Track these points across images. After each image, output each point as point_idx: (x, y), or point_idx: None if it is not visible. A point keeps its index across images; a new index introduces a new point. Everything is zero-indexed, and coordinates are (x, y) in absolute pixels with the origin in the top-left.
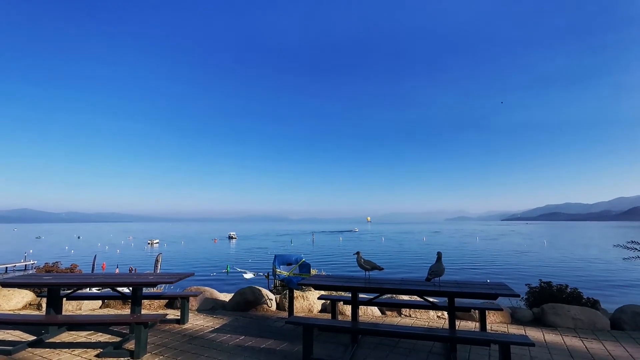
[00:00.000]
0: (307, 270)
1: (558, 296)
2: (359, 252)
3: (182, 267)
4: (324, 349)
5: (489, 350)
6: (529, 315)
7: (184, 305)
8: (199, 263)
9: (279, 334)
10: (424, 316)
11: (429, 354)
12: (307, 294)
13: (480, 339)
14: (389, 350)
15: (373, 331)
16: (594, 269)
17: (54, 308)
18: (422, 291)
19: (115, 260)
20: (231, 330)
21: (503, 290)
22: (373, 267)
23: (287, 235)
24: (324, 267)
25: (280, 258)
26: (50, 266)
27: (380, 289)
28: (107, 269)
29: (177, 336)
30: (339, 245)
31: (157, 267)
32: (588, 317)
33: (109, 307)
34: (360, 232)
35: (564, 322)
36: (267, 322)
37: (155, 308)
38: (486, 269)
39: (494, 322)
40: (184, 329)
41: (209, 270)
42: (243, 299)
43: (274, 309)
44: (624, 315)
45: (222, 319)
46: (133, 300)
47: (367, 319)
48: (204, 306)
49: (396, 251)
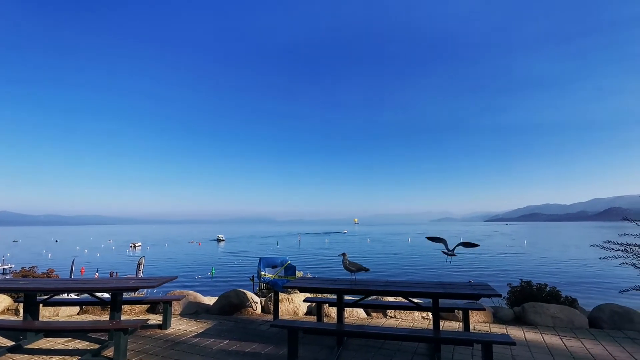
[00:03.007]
0: (293, 272)
1: (538, 295)
2: (345, 254)
3: (166, 270)
4: (310, 352)
5: (472, 350)
6: (510, 314)
7: (166, 309)
8: (183, 266)
9: (264, 338)
10: (409, 317)
11: (414, 355)
12: (292, 297)
13: (463, 339)
14: (375, 351)
15: (358, 333)
16: (572, 268)
17: (31, 314)
18: (407, 292)
19: (95, 265)
20: (215, 334)
21: (485, 290)
22: (359, 269)
23: (273, 237)
24: (310, 269)
25: (265, 260)
26: (27, 271)
27: (366, 290)
28: (85, 273)
29: (159, 342)
30: (325, 246)
31: (139, 270)
32: (566, 315)
33: (87, 313)
34: (348, 233)
35: (543, 321)
36: (252, 325)
37: (137, 313)
38: (470, 269)
39: (477, 322)
40: (167, 334)
41: (193, 273)
42: (228, 302)
43: (259, 312)
44: (602, 314)
45: (206, 323)
46: (112, 305)
47: (352, 320)
48: (187, 310)
49: (382, 252)
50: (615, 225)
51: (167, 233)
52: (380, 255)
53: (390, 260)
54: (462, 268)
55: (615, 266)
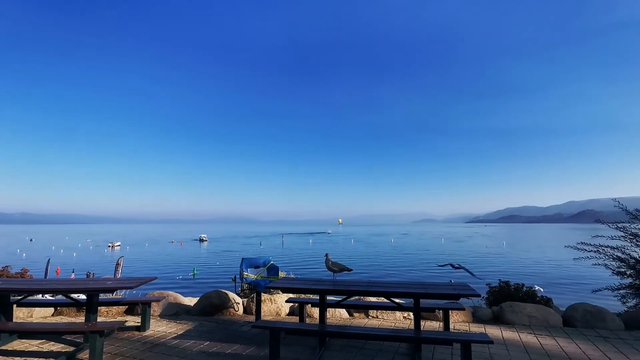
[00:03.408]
0: (275, 272)
1: (515, 295)
2: (328, 254)
3: (146, 271)
4: (292, 352)
5: (452, 349)
6: (489, 313)
7: (145, 311)
8: (164, 267)
9: (245, 339)
10: (391, 317)
11: (395, 355)
12: (275, 297)
13: (443, 339)
14: (356, 351)
15: (340, 334)
16: (547, 268)
17: (4, 315)
18: (389, 293)
19: (71, 265)
20: (196, 335)
21: (465, 290)
22: (341, 269)
23: (257, 237)
24: (293, 270)
25: (248, 261)
26: (0, 270)
27: (348, 291)
28: (61, 273)
29: (136, 344)
30: (309, 247)
31: (117, 271)
32: (542, 314)
33: (63, 314)
34: (332, 234)
35: (520, 320)
36: (234, 326)
37: (114, 315)
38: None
39: (457, 322)
40: (145, 336)
41: (174, 274)
42: (209, 303)
43: (241, 313)
44: (575, 313)
45: (187, 324)
46: (88, 307)
47: (335, 321)
48: (167, 311)
49: (365, 253)
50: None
51: (147, 233)
52: (363, 255)
53: (373, 261)
54: (443, 269)
55: (588, 267)
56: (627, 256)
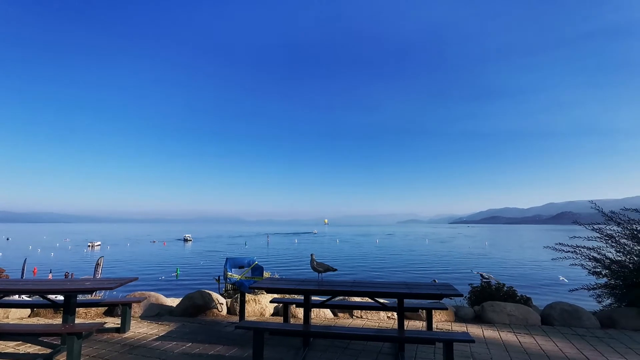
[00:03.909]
0: (260, 273)
1: (496, 294)
2: (313, 254)
3: (127, 271)
4: (275, 353)
5: (434, 348)
6: (470, 313)
7: (125, 312)
8: (146, 267)
9: (229, 339)
10: (375, 317)
11: (379, 354)
12: (259, 297)
13: (426, 338)
14: (340, 352)
15: (325, 334)
16: (527, 268)
17: None
18: (373, 293)
19: (49, 265)
20: (178, 337)
21: (448, 290)
22: (326, 269)
23: (242, 237)
24: (278, 270)
25: (232, 261)
26: None
27: (333, 291)
28: (38, 274)
29: (115, 346)
30: (294, 247)
31: (97, 271)
32: (521, 313)
33: (39, 315)
34: (318, 234)
35: (500, 319)
36: (217, 327)
37: (93, 316)
38: (434, 269)
39: (439, 321)
40: (125, 337)
41: (156, 274)
42: (192, 303)
43: (224, 314)
44: (553, 312)
45: (168, 325)
46: (65, 308)
47: (319, 321)
48: (148, 313)
49: (350, 253)
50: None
51: (129, 232)
52: (348, 255)
53: (358, 261)
54: (427, 269)
55: (565, 267)
56: (602, 257)
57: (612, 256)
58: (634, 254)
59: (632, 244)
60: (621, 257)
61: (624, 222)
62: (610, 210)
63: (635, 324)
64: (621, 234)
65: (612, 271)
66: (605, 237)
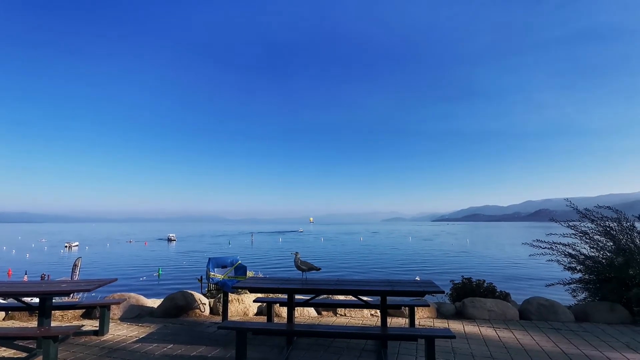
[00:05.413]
0: (243, 272)
1: (477, 291)
2: (297, 253)
3: (106, 272)
4: (259, 352)
5: (417, 344)
6: (452, 309)
7: (103, 314)
8: (127, 268)
9: (211, 340)
10: (359, 315)
11: (362, 352)
12: (242, 297)
13: (408, 335)
14: (324, 350)
15: (308, 332)
16: (506, 264)
17: None
18: (357, 291)
19: (24, 266)
20: (159, 338)
21: (430, 287)
22: (310, 268)
23: (225, 236)
24: (262, 269)
25: (215, 260)
26: None
27: (317, 289)
28: (13, 276)
29: (94, 349)
30: (279, 246)
31: (75, 273)
32: (500, 308)
33: (14, 319)
34: (304, 232)
35: (480, 314)
36: (200, 327)
37: (69, 319)
38: (417, 267)
39: (422, 318)
40: (103, 340)
41: (137, 275)
42: (173, 304)
43: (207, 314)
44: (530, 307)
45: (149, 327)
46: (41, 311)
47: (303, 320)
48: (128, 314)
49: (335, 251)
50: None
51: (108, 232)
52: (333, 254)
53: (342, 259)
54: (410, 266)
55: (542, 263)
56: (577, 252)
57: (587, 252)
58: (607, 249)
59: (605, 241)
60: (595, 253)
61: (597, 220)
62: (585, 207)
63: (607, 317)
64: (595, 230)
65: (587, 266)
66: (580, 233)
